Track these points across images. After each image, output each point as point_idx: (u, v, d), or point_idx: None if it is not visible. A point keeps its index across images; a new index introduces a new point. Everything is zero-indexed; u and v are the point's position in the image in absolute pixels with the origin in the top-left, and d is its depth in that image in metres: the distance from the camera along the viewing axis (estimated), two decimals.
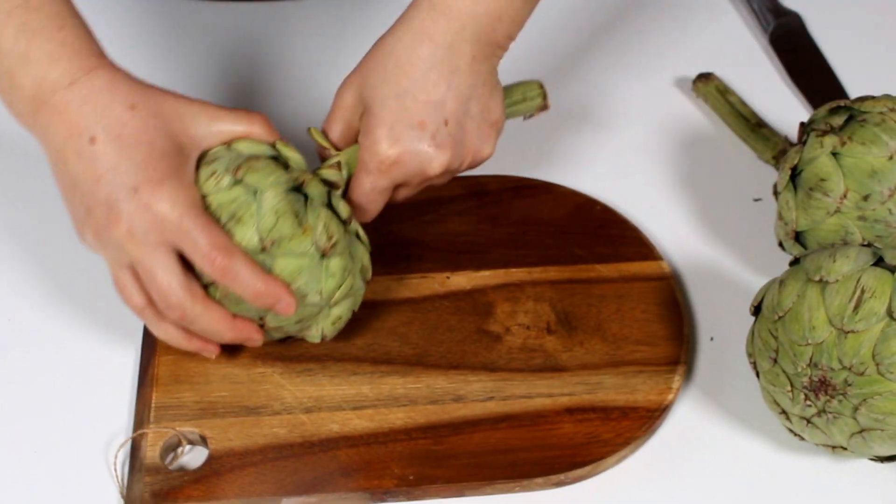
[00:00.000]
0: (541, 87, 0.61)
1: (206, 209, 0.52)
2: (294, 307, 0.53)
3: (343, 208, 0.55)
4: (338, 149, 0.58)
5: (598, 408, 0.58)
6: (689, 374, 0.60)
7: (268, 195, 0.52)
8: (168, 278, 0.51)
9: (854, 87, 0.74)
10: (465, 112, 0.56)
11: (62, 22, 0.50)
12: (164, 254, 0.51)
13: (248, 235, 0.52)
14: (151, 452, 0.56)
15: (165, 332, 0.54)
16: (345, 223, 0.55)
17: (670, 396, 0.58)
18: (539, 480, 0.55)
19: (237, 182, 0.52)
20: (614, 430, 0.57)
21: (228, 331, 0.53)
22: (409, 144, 0.55)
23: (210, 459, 0.56)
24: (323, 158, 0.59)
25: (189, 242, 0.51)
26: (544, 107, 0.61)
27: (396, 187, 0.58)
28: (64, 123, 0.50)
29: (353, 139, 0.58)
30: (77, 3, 0.54)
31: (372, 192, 0.57)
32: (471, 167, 0.59)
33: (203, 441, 0.57)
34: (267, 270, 0.52)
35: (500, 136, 0.59)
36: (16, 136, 0.72)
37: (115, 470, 0.56)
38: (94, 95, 0.50)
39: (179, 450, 0.57)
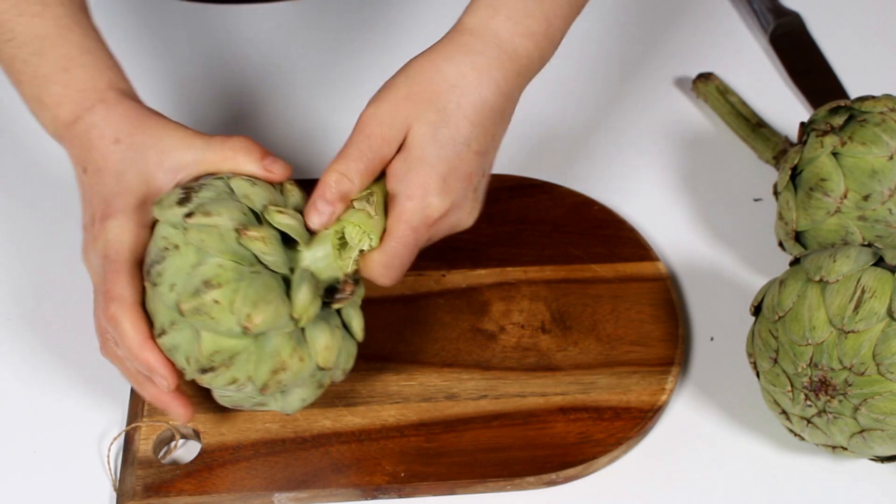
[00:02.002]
0: None
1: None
2: (171, 383, 0.50)
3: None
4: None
5: (591, 408, 0.57)
6: (687, 375, 0.60)
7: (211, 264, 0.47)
8: (98, 297, 0.51)
9: (854, 87, 0.74)
10: (493, 161, 0.54)
11: (68, 63, 0.53)
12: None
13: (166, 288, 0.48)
14: (144, 446, 0.56)
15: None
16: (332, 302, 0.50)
17: (663, 397, 0.58)
18: (530, 479, 0.55)
19: (185, 229, 0.48)
20: (607, 431, 0.57)
21: (139, 362, 0.50)
22: (457, 198, 0.51)
23: (202, 454, 0.56)
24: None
25: (98, 282, 0.51)
26: None
27: None
28: (72, 155, 0.53)
29: (373, 178, 0.51)
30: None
31: (410, 248, 0.50)
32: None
33: (196, 435, 0.57)
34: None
35: None
36: (14, 137, 0.73)
37: (108, 463, 0.56)
38: (89, 131, 0.53)
39: (173, 444, 0.57)
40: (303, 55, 0.76)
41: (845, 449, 0.54)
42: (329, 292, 0.51)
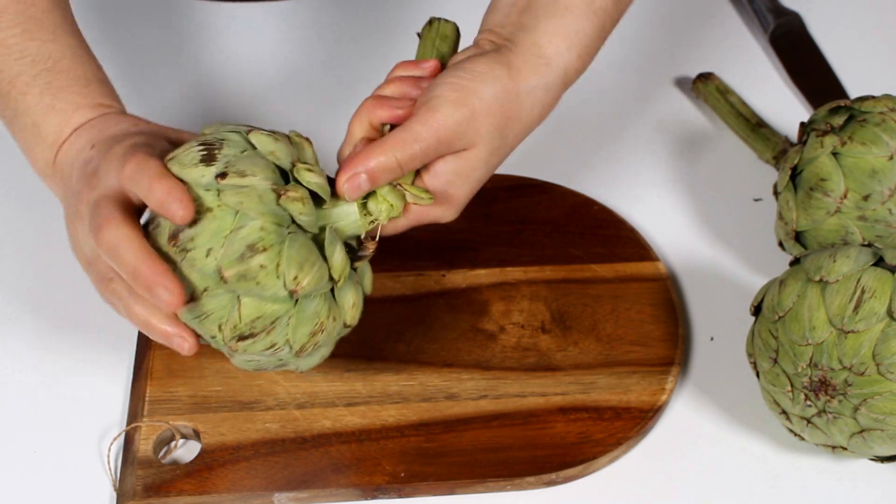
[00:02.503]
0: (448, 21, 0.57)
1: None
2: (178, 302, 0.46)
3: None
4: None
5: (591, 408, 0.57)
6: (686, 375, 0.60)
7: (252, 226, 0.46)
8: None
9: (854, 87, 0.74)
10: None
11: (87, 80, 0.53)
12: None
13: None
14: (144, 446, 0.56)
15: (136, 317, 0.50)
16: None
17: (663, 397, 0.58)
18: (530, 479, 0.55)
19: (219, 191, 0.46)
20: (607, 431, 0.57)
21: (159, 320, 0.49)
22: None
23: (202, 454, 0.56)
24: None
25: (87, 224, 0.49)
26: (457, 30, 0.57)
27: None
28: (78, 163, 0.52)
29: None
30: (77, 8, 0.55)
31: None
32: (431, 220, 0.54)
33: (196, 435, 0.57)
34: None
35: None
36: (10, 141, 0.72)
37: (108, 463, 0.56)
38: (72, 146, 0.53)
39: (173, 444, 0.57)
40: (303, 55, 0.76)
41: (845, 449, 0.54)
42: (347, 248, 0.51)
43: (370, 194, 0.51)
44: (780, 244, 0.63)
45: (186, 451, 0.57)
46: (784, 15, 0.78)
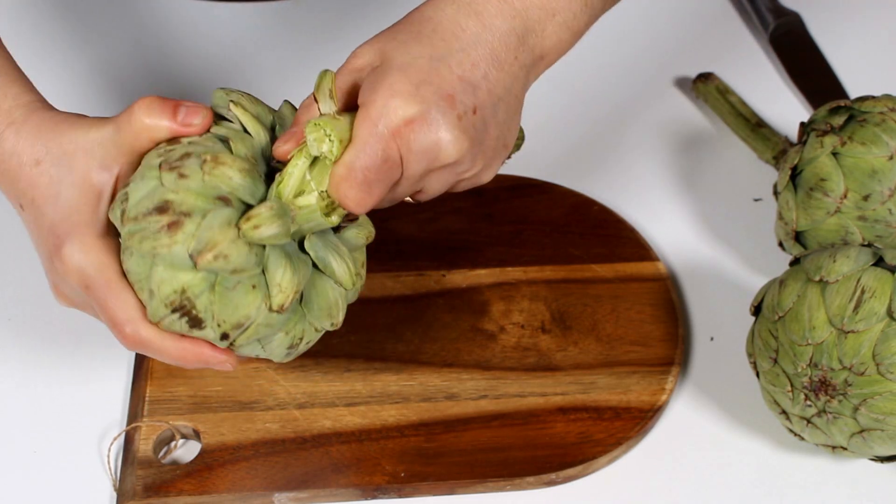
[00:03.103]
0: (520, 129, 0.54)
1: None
2: (230, 361, 0.47)
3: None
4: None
5: (591, 408, 0.57)
6: (686, 375, 0.60)
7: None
8: (111, 323, 0.47)
9: (854, 87, 0.74)
10: (492, 113, 0.48)
11: None
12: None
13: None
14: (144, 446, 0.56)
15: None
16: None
17: (663, 397, 0.58)
18: (530, 479, 0.55)
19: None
20: (607, 431, 0.56)
21: (185, 360, 0.48)
22: (431, 110, 0.45)
23: (202, 454, 0.56)
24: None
25: (100, 317, 0.48)
26: (519, 147, 0.55)
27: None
28: (4, 194, 0.49)
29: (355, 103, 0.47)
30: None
31: (375, 157, 0.45)
32: (470, 184, 0.50)
33: (196, 435, 0.57)
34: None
35: None
36: None
37: (108, 463, 0.56)
38: (8, 161, 0.48)
39: (173, 444, 0.57)
40: (302, 55, 0.76)
41: (845, 449, 0.54)
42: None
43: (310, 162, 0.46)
44: (780, 244, 0.63)
45: (186, 451, 0.57)
46: (784, 15, 0.78)
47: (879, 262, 0.52)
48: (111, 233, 0.48)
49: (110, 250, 0.47)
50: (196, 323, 0.46)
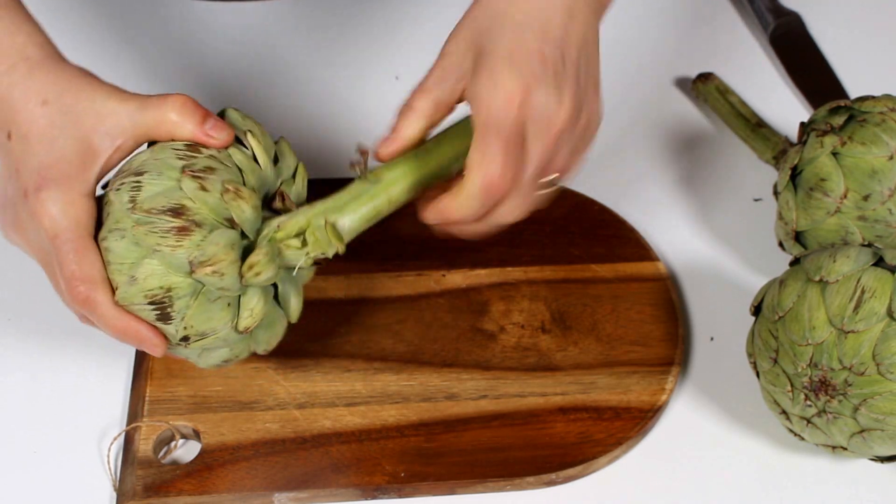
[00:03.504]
0: None
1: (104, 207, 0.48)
2: (161, 348, 0.49)
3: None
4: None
5: (591, 408, 0.57)
6: (686, 375, 0.60)
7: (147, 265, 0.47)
8: (59, 279, 0.48)
9: (854, 87, 0.74)
10: (580, 60, 0.50)
11: None
12: (51, 263, 0.48)
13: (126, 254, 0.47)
14: (144, 446, 0.56)
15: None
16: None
17: (663, 397, 0.58)
18: (530, 479, 0.55)
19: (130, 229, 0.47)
20: (606, 431, 0.56)
21: (122, 333, 0.49)
22: (532, 77, 0.47)
23: (202, 453, 0.56)
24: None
25: (56, 268, 0.48)
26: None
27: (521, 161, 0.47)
28: None
29: (450, 108, 0.50)
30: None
31: (503, 155, 0.47)
32: (586, 134, 0.50)
33: (196, 435, 0.57)
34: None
35: None
36: None
37: (108, 463, 0.56)
38: (11, 90, 0.49)
39: (173, 444, 0.57)
40: (303, 54, 0.76)
41: (845, 449, 0.54)
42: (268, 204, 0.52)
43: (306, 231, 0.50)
44: (780, 244, 0.63)
45: (186, 451, 0.57)
46: (784, 15, 0.78)
47: (879, 262, 0.52)
48: (93, 196, 0.49)
49: (89, 212, 0.48)
50: (164, 318, 0.49)
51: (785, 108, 0.73)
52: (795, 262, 0.55)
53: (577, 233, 0.65)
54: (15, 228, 0.50)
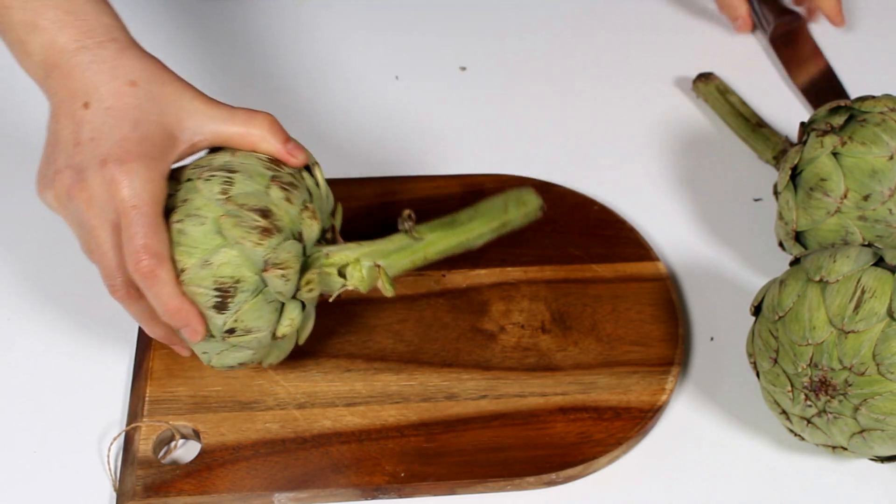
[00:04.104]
0: (535, 193, 0.61)
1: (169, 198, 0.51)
2: (201, 335, 0.52)
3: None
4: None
5: (591, 408, 0.57)
6: (686, 375, 0.60)
7: (225, 253, 0.50)
8: (111, 258, 0.50)
9: (854, 87, 0.74)
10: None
11: None
12: (115, 233, 0.50)
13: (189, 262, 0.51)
14: (144, 446, 0.56)
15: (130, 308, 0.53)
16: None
17: (663, 397, 0.58)
18: (530, 479, 0.55)
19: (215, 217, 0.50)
20: (607, 431, 0.56)
21: (156, 329, 0.53)
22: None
23: (202, 454, 0.56)
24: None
25: (128, 234, 0.50)
26: (541, 209, 0.61)
27: None
28: (66, 86, 0.51)
29: None
30: None
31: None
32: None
33: (196, 435, 0.57)
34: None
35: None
36: (12, 137, 0.73)
37: (108, 463, 0.56)
38: (98, 64, 0.51)
39: (173, 444, 0.57)
40: (303, 51, 0.76)
41: (845, 449, 0.54)
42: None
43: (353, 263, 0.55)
44: (780, 244, 0.63)
45: (186, 451, 0.57)
46: (784, 14, 0.78)
47: (880, 262, 0.52)
48: (167, 179, 0.51)
49: (164, 192, 0.51)
50: (221, 307, 0.51)
51: (785, 108, 0.73)
52: (795, 262, 0.55)
53: (577, 233, 0.65)
54: (73, 191, 0.50)
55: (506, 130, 0.72)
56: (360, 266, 0.55)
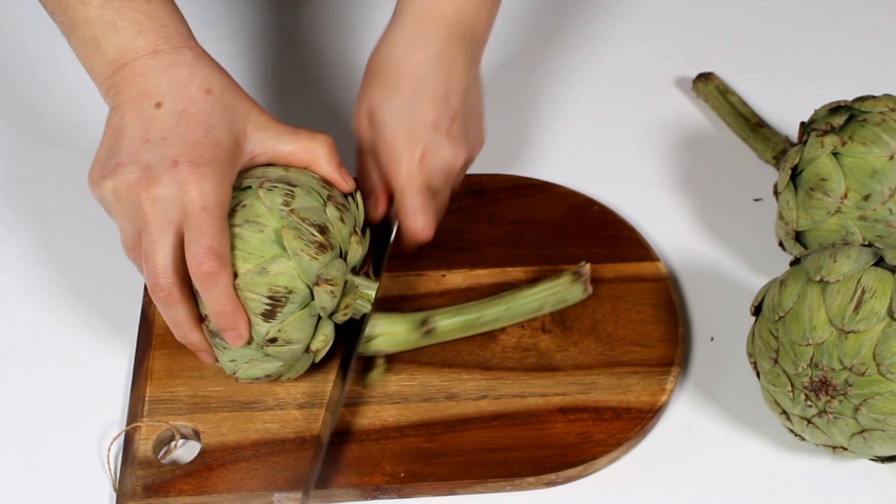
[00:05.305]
0: (586, 285, 0.60)
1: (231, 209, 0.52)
2: (245, 340, 0.52)
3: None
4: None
5: (591, 408, 0.57)
6: (686, 375, 0.60)
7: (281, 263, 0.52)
8: (163, 257, 0.50)
9: (854, 87, 0.74)
10: (465, 107, 0.58)
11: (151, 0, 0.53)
12: (172, 233, 0.51)
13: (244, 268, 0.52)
14: (144, 446, 0.56)
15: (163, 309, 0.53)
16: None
17: (663, 398, 0.58)
18: (530, 480, 0.55)
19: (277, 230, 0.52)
20: (607, 431, 0.56)
21: (190, 334, 0.53)
22: (429, 145, 0.57)
23: (202, 454, 0.56)
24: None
25: (194, 234, 0.50)
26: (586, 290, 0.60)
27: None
28: (137, 85, 0.52)
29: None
30: None
31: (416, 204, 0.57)
32: (475, 153, 0.60)
33: (196, 435, 0.57)
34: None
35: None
36: (17, 137, 0.73)
37: (108, 463, 0.56)
38: (174, 69, 0.52)
39: (172, 444, 0.57)
40: (303, 50, 0.76)
41: (845, 449, 0.54)
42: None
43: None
44: (781, 244, 0.63)
45: (186, 451, 0.57)
46: None
47: (880, 262, 0.52)
48: (232, 186, 0.53)
49: (230, 198, 0.52)
50: (269, 315, 0.52)
51: (785, 108, 0.73)
52: (795, 262, 0.55)
53: (577, 233, 0.65)
54: (139, 187, 0.50)
55: (506, 131, 0.72)
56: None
